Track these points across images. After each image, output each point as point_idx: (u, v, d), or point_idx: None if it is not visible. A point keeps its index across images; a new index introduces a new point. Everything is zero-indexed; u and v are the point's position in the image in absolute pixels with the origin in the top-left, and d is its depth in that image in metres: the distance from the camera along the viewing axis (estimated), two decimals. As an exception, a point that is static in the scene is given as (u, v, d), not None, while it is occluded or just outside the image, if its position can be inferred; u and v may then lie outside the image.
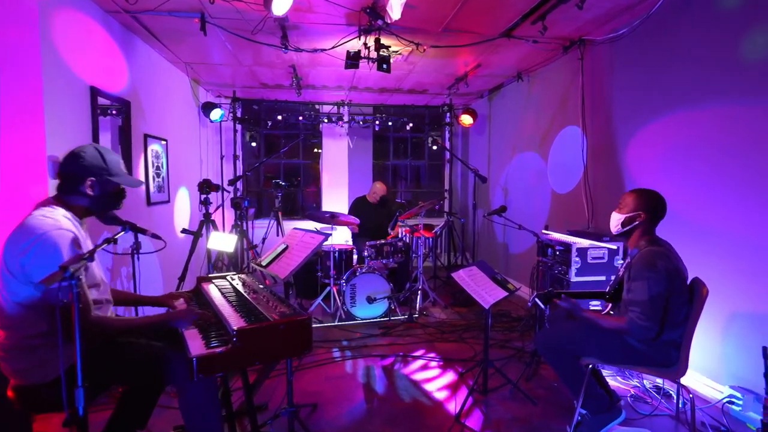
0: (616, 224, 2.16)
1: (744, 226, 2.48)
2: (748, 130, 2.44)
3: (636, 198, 2.11)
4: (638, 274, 1.98)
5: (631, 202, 2.12)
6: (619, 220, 2.14)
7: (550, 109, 4.48)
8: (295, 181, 7.17)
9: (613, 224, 2.18)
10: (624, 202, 2.14)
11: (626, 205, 2.13)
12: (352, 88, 5.73)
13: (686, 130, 2.84)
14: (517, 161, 5.25)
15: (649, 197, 2.11)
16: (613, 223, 2.18)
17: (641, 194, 2.12)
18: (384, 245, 4.23)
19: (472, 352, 3.38)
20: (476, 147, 6.60)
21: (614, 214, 2.18)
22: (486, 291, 2.45)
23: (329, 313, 4.25)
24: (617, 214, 2.16)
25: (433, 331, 3.83)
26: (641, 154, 3.25)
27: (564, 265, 3.37)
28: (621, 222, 2.13)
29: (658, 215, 2.10)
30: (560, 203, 4.33)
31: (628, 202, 2.13)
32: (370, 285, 4.07)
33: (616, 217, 2.16)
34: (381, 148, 7.22)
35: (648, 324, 1.93)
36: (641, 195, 2.12)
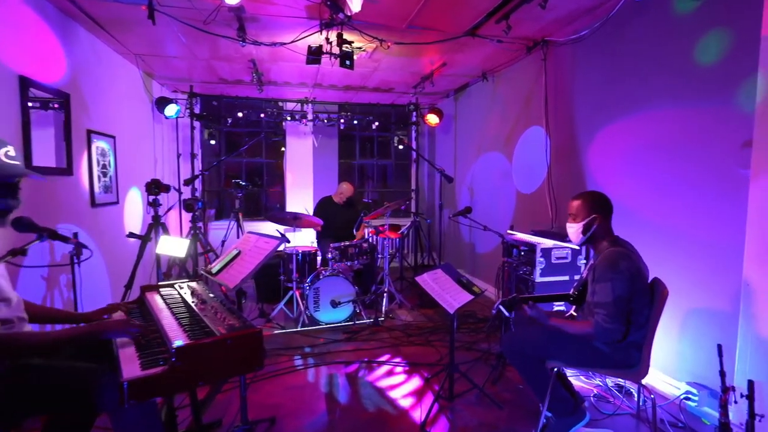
0: (576, 235, 2.13)
1: (698, 225, 2.53)
2: (701, 131, 2.49)
3: (584, 203, 2.09)
4: (602, 275, 1.96)
5: (581, 208, 2.10)
6: (578, 229, 2.11)
7: (514, 109, 4.50)
8: (258, 181, 6.93)
9: (573, 236, 2.15)
10: (575, 211, 2.11)
11: (578, 212, 2.11)
12: (316, 85, 5.57)
13: (644, 131, 2.88)
14: (483, 161, 5.26)
15: (594, 197, 2.10)
16: (573, 234, 2.15)
17: (586, 197, 2.10)
18: (349, 247, 4.12)
19: (438, 355, 3.32)
20: (442, 147, 6.59)
21: (570, 225, 2.15)
22: (451, 295, 2.39)
23: (292, 318, 4.09)
24: (573, 224, 2.13)
25: (399, 335, 3.75)
26: (602, 154, 3.29)
27: (529, 265, 3.37)
28: (581, 231, 2.10)
29: (609, 211, 2.09)
30: (525, 203, 4.36)
31: (579, 210, 2.10)
32: (334, 288, 3.94)
33: (574, 227, 2.13)
34: (347, 148, 7.09)
35: (614, 326, 1.91)
36: (587, 198, 2.10)
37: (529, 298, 2.12)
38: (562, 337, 2.07)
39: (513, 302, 2.08)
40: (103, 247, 3.72)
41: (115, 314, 1.84)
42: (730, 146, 2.34)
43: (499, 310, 2.05)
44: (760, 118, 2.07)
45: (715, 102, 2.42)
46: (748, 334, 2.13)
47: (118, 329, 1.55)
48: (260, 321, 4.01)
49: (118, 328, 1.55)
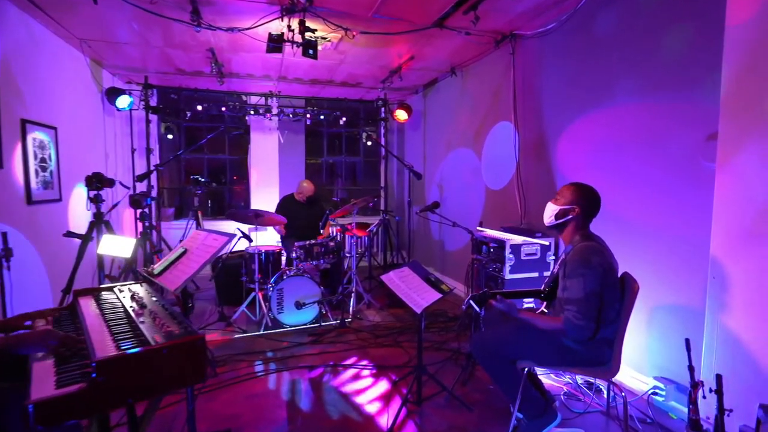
0: (550, 215, 2.07)
1: (666, 219, 2.52)
2: (668, 125, 2.48)
3: (573, 191, 2.04)
4: (573, 271, 1.89)
5: (568, 194, 2.04)
6: (554, 211, 2.05)
7: (483, 104, 4.45)
8: (222, 179, 6.63)
9: (547, 215, 2.09)
10: (561, 193, 2.06)
11: (563, 197, 2.05)
12: (280, 78, 5.36)
13: (612, 125, 2.87)
14: (452, 157, 5.20)
15: (585, 192, 2.04)
16: (547, 213, 2.09)
17: (579, 188, 2.05)
18: (314, 246, 3.94)
19: (407, 356, 3.21)
20: (411, 143, 6.50)
21: (549, 204, 2.09)
22: (418, 294, 2.27)
23: (254, 322, 3.88)
24: (553, 204, 2.07)
25: (366, 336, 3.61)
26: (570, 149, 3.26)
27: (498, 262, 3.31)
28: (555, 213, 2.05)
29: (592, 211, 2.04)
30: (494, 200, 4.32)
31: (565, 195, 2.05)
32: (298, 289, 3.76)
33: (551, 208, 2.07)
34: (314, 144, 6.90)
35: (584, 323, 1.84)
36: (578, 189, 2.04)
37: (500, 293, 2.03)
38: (532, 336, 2.00)
39: (484, 297, 1.98)
40: (43, 248, 3.39)
41: (39, 323, 1.62)
42: (696, 139, 2.33)
43: (469, 305, 1.95)
44: (725, 111, 2.06)
45: (681, 95, 2.41)
46: (714, 328, 2.12)
47: (35, 342, 1.34)
48: (220, 325, 3.78)
49: (35, 340, 1.34)
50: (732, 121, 2.03)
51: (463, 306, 1.97)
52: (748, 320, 1.98)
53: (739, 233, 2.00)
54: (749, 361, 1.97)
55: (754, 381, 1.95)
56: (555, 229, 2.10)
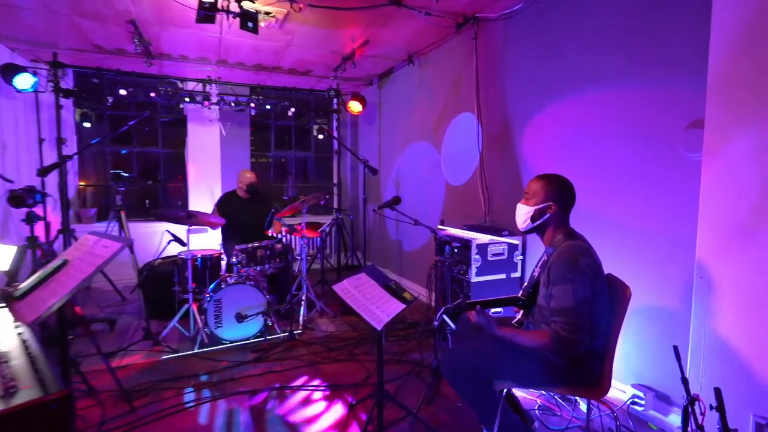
0: (524, 219, 1.79)
1: (642, 215, 2.34)
2: (645, 113, 2.30)
3: (545, 186, 1.76)
4: (560, 276, 1.62)
5: (539, 190, 1.76)
6: (528, 213, 1.77)
7: (443, 94, 4.17)
8: (159, 175, 5.92)
9: (520, 219, 1.81)
10: (531, 191, 1.78)
11: (534, 195, 1.77)
12: (220, 62, 4.80)
13: (583, 115, 2.67)
14: (410, 152, 4.90)
15: (557, 184, 1.77)
16: (520, 217, 1.81)
17: (550, 181, 1.78)
18: (257, 249, 3.48)
19: (365, 372, 2.85)
20: (366, 138, 6.15)
21: (521, 206, 1.81)
22: (378, 305, 1.92)
23: (188, 338, 3.36)
24: (524, 206, 1.79)
25: (318, 350, 3.21)
26: (538, 141, 3.05)
27: (463, 263, 3.03)
28: (530, 216, 1.76)
29: (569, 204, 1.78)
30: (455, 196, 4.06)
31: (536, 192, 1.77)
32: (240, 299, 3.29)
33: (524, 210, 1.79)
34: (261, 138, 6.36)
35: (574, 336, 1.57)
36: (550, 182, 1.77)
37: (477, 303, 1.72)
38: (512, 352, 1.70)
39: (459, 309, 1.66)
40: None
41: None
42: (676, 128, 2.15)
43: (442, 321, 1.62)
44: (713, 96, 1.87)
45: (659, 81, 2.23)
46: (701, 333, 1.94)
47: None
48: (146, 344, 3.22)
49: None
50: (720, 107, 1.85)
51: (435, 322, 1.63)
52: (738, 324, 1.81)
53: (729, 229, 1.82)
54: (740, 369, 1.80)
55: (746, 390, 1.78)
56: (532, 232, 1.83)
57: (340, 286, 1.94)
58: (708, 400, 1.54)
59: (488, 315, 1.68)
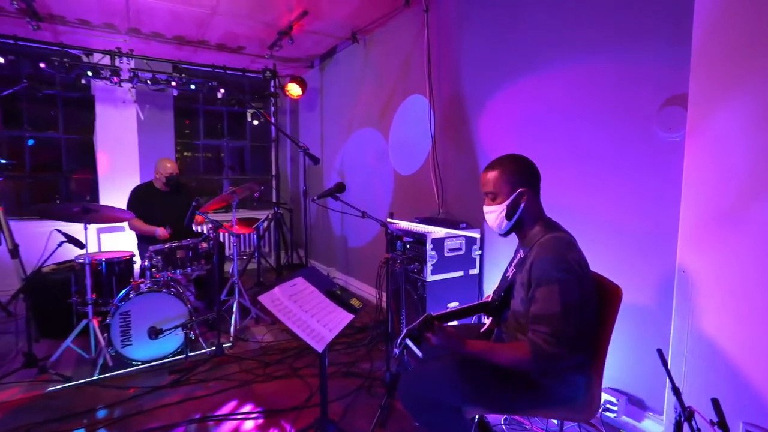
0: (498, 221, 1.46)
1: (612, 205, 2.14)
2: (617, 90, 2.09)
3: (504, 173, 1.44)
4: (543, 275, 1.32)
5: (502, 181, 1.44)
6: (502, 213, 1.44)
7: (391, 76, 3.82)
8: (64, 165, 5.03)
9: (494, 223, 1.48)
10: (492, 185, 1.45)
11: (497, 188, 1.44)
12: (132, 31, 4.10)
13: (547, 94, 2.43)
14: (354, 140, 4.51)
15: (516, 164, 1.46)
16: (493, 221, 1.48)
17: (506, 166, 1.45)
18: (176, 249, 2.93)
19: (307, 390, 2.44)
20: (307, 126, 5.66)
21: (488, 209, 1.48)
22: (319, 318, 1.53)
23: (88, 361, 2.75)
24: (493, 206, 1.46)
25: (252, 365, 2.75)
26: (497, 124, 2.78)
27: (417, 261, 2.71)
28: (504, 214, 1.44)
29: (538, 181, 1.49)
30: (405, 186, 3.73)
31: (498, 184, 1.44)
32: (154, 310, 2.74)
33: (495, 211, 1.45)
34: (190, 126, 5.65)
35: (559, 349, 1.28)
36: (507, 166, 1.45)
37: (442, 316, 1.38)
38: (483, 373, 1.39)
39: (424, 328, 1.30)
40: None
41: None
42: (651, 106, 1.95)
43: (405, 347, 1.25)
44: (697, 66, 1.67)
45: (631, 54, 2.02)
46: (683, 332, 1.75)
47: None
48: (28, 373, 2.57)
49: None
50: (706, 79, 1.65)
51: (396, 349, 1.26)
52: (725, 322, 1.62)
53: (716, 215, 1.63)
54: (727, 372, 1.62)
55: (734, 396, 1.60)
56: (511, 232, 1.51)
57: (269, 296, 1.52)
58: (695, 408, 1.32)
59: (449, 332, 1.34)
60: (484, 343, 1.41)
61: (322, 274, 1.92)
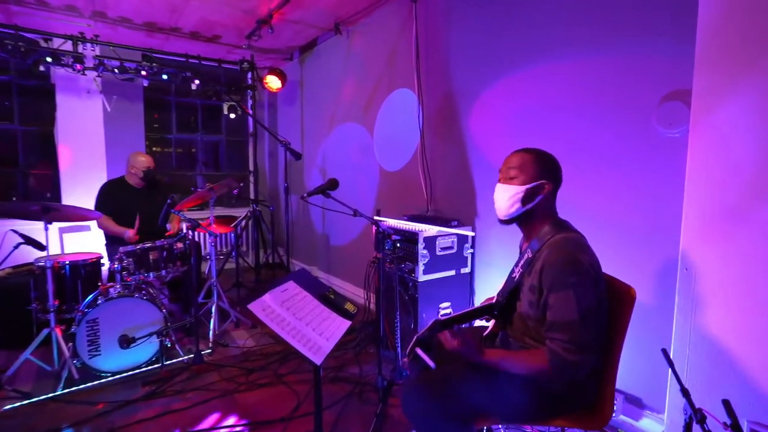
0: (511, 202, 1.39)
1: (611, 202, 2.09)
2: (617, 85, 2.04)
3: (535, 160, 1.39)
4: (559, 280, 1.24)
5: (529, 166, 1.38)
6: (517, 194, 1.37)
7: (376, 68, 3.69)
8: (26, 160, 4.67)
9: (506, 202, 1.40)
10: (517, 166, 1.39)
11: (522, 170, 1.38)
12: (96, 15, 3.82)
13: (542, 89, 2.36)
14: (337, 135, 4.36)
15: (550, 159, 1.44)
16: (505, 200, 1.40)
17: (541, 155, 1.42)
18: (149, 251, 2.73)
19: (294, 399, 2.30)
20: (287, 120, 5.47)
21: (504, 187, 1.41)
22: (314, 327, 1.40)
23: (50, 374, 2.52)
24: (510, 186, 1.39)
25: (234, 373, 2.59)
26: (489, 119, 2.71)
27: (408, 260, 2.61)
28: (520, 198, 1.37)
29: (559, 183, 1.44)
30: (392, 183, 3.62)
31: (524, 167, 1.38)
32: (125, 316, 2.54)
33: (511, 191, 1.38)
34: (161, 119, 5.36)
35: (579, 357, 1.21)
36: (541, 156, 1.41)
37: (448, 321, 1.28)
38: (495, 382, 1.30)
39: (433, 334, 1.20)
40: None
41: None
42: (650, 101, 1.91)
43: (415, 356, 1.14)
44: (702, 58, 1.63)
45: (631, 48, 1.97)
46: (686, 331, 1.71)
47: None
48: (-17, 387, 2.34)
49: None
50: (710, 71, 1.60)
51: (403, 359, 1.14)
52: (729, 320, 1.59)
53: (720, 211, 1.59)
54: (731, 371, 1.59)
55: (738, 395, 1.57)
56: (517, 221, 1.44)
57: (260, 303, 1.38)
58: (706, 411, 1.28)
59: (467, 338, 1.25)
60: (500, 351, 1.32)
61: (313, 276, 1.80)
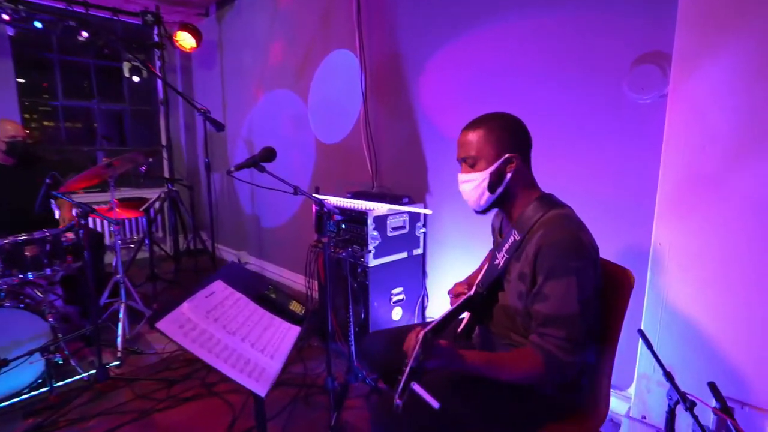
0: (478, 192, 1.14)
1: (576, 175, 1.96)
2: (580, 49, 1.87)
3: (487, 134, 1.13)
4: (559, 264, 1.03)
5: (485, 144, 1.12)
6: (483, 182, 1.13)
7: (308, 28, 3.25)
8: None
9: (473, 194, 1.16)
10: (471, 149, 1.14)
11: (479, 151, 1.13)
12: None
13: (498, 51, 2.14)
14: (265, 104, 3.87)
15: (507, 124, 1.16)
16: (471, 192, 1.16)
17: (494, 125, 1.14)
18: (24, 245, 2.14)
19: (228, 413, 1.95)
20: (205, 87, 4.80)
21: (465, 176, 1.16)
22: (255, 342, 1.06)
23: None
24: (472, 174, 1.14)
25: (152, 387, 2.15)
26: (440, 85, 2.45)
27: (356, 243, 2.32)
28: (486, 184, 1.13)
29: (529, 146, 1.20)
30: (330, 157, 3.27)
31: (480, 146, 1.13)
32: (-5, 331, 1.97)
33: (475, 180, 1.14)
34: (44, 82, 4.41)
35: (576, 358, 1.03)
36: (494, 126, 1.14)
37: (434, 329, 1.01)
38: (486, 392, 1.08)
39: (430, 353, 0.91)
40: None
41: None
42: (621, 65, 1.77)
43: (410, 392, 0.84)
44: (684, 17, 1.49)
45: (599, 4, 1.80)
46: (657, 309, 1.64)
47: None
48: None
49: None
50: (692, 32, 1.47)
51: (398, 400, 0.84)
52: (702, 296, 1.52)
53: (697, 181, 1.49)
54: (702, 349, 1.53)
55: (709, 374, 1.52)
56: (493, 208, 1.21)
57: (173, 319, 0.99)
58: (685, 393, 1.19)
59: (448, 349, 1.00)
60: (483, 354, 1.09)
61: (248, 270, 1.44)
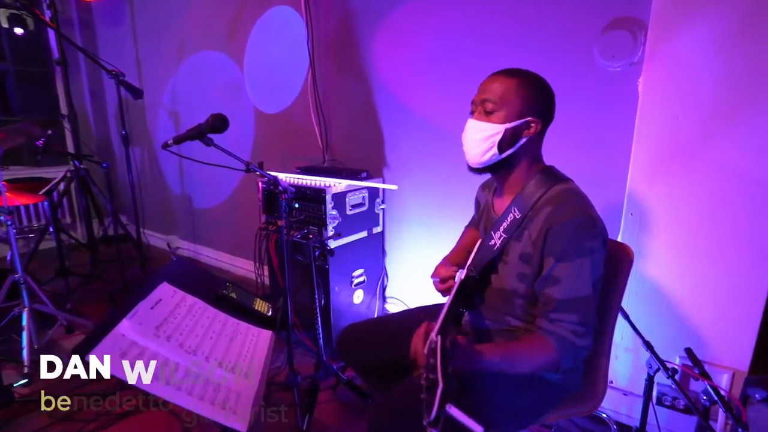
0: (486, 146, 1.01)
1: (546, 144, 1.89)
2: (549, 13, 1.77)
3: (521, 86, 1.01)
4: (573, 244, 0.94)
5: (514, 97, 1.00)
6: (496, 136, 1.00)
7: (240, -23, 2.84)
8: None
9: (477, 146, 1.02)
10: (498, 97, 1.00)
11: (505, 103, 1.00)
12: None
13: (462, 13, 1.98)
14: (191, 68, 3.40)
15: (542, 88, 1.04)
16: (477, 143, 1.02)
17: (531, 82, 1.03)
18: None
19: (176, 426, 1.70)
20: (112, 47, 4.11)
21: (476, 123, 1.03)
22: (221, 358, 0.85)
23: None
24: (485, 123, 1.01)
25: (75, 406, 1.81)
26: (399, 47, 2.24)
27: (313, 224, 2.10)
28: (497, 141, 1.00)
29: (550, 120, 1.09)
30: (273, 129, 2.95)
31: (508, 98, 1.00)
32: None
33: (486, 130, 1.01)
34: None
35: (589, 341, 0.96)
36: (531, 84, 1.03)
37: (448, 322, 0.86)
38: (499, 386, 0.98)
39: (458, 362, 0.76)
40: None
41: None
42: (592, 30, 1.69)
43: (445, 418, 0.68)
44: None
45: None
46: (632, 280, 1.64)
47: None
48: None
49: None
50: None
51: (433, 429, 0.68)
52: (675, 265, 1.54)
53: (672, 150, 1.48)
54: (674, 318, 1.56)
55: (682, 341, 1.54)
56: (491, 170, 1.08)
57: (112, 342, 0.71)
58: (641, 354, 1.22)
59: (466, 347, 0.87)
60: (496, 348, 0.97)
61: (197, 267, 1.19)
